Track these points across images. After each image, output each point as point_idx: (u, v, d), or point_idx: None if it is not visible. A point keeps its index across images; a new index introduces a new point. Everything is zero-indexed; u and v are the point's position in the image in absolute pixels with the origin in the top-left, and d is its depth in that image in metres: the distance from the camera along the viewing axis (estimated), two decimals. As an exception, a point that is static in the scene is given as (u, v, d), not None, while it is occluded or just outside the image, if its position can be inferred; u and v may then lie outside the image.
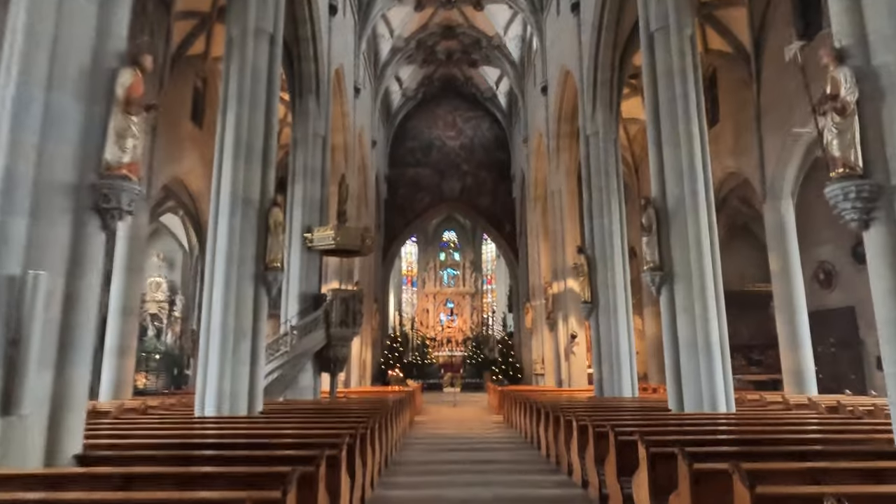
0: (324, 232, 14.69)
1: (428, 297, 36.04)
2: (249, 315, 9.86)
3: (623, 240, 15.15)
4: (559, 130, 20.57)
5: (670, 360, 9.95)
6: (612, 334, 14.53)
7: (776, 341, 24.36)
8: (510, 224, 31.50)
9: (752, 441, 5.94)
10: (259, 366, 9.94)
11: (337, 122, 20.29)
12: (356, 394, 18.07)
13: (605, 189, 15.26)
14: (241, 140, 10.25)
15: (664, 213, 10.32)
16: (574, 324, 19.48)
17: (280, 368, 13.76)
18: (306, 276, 14.85)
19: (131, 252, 15.10)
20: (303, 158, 15.46)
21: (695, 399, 9.48)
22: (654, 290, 10.27)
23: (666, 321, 10.12)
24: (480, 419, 16.82)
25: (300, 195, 15.24)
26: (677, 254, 10.03)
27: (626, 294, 14.84)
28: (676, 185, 10.20)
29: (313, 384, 14.47)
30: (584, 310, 15.17)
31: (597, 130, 15.66)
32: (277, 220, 10.33)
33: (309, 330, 14.13)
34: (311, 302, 14.75)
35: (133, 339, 15.29)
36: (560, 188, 20.58)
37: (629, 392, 14.34)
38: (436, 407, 21.10)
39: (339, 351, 14.60)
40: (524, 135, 26.87)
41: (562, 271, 20.07)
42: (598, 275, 14.94)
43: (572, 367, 19.34)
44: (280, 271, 10.25)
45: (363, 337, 24.27)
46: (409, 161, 32.44)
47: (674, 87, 10.43)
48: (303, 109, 15.76)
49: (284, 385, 14.02)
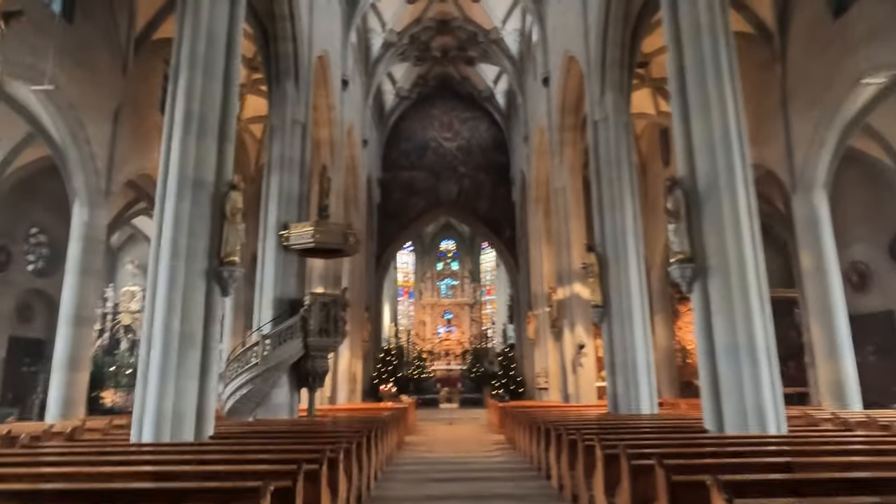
0: (302, 229, 13.07)
1: (425, 308, 34.48)
2: (199, 319, 8.22)
3: (637, 236, 13.52)
4: (562, 123, 19.02)
5: (706, 370, 8.28)
6: (627, 342, 12.84)
7: (800, 351, 22.76)
8: (510, 229, 29.88)
9: (804, 469, 4.27)
10: (210, 380, 8.25)
11: (322, 114, 18.79)
12: (343, 411, 16.33)
13: (617, 180, 13.66)
14: (193, 112, 8.68)
15: (694, 194, 8.71)
16: (581, 332, 17.77)
17: (250, 383, 12.06)
18: (282, 278, 13.19)
19: (85, 252, 13.45)
20: (279, 148, 13.86)
21: (737, 416, 7.79)
22: (685, 285, 8.62)
23: (699, 322, 8.46)
24: (479, 439, 15.07)
25: (276, 188, 13.63)
26: (712, 242, 8.40)
27: (642, 296, 13.18)
28: (708, 161, 8.60)
29: (289, 401, 12.74)
30: (595, 315, 13.49)
31: (606, 115, 14.09)
32: (236, 206, 8.71)
33: (283, 339, 12.43)
34: (288, 308, 13.07)
35: (87, 351, 13.60)
36: (564, 186, 18.99)
37: (648, 408, 12.62)
38: (431, 425, 19.33)
39: (319, 363, 12.90)
40: (524, 133, 25.35)
41: (567, 275, 18.41)
42: (610, 275, 13.29)
43: (580, 381, 17.60)
44: (238, 267, 8.60)
45: (353, 349, 22.54)
46: (403, 164, 30.89)
47: (701, 47, 8.88)
48: (280, 94, 14.21)
49: (255, 402, 12.31)
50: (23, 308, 17.43)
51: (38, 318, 17.74)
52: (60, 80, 12.62)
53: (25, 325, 17.44)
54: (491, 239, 31.25)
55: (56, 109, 12.89)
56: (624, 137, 14.00)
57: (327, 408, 16.81)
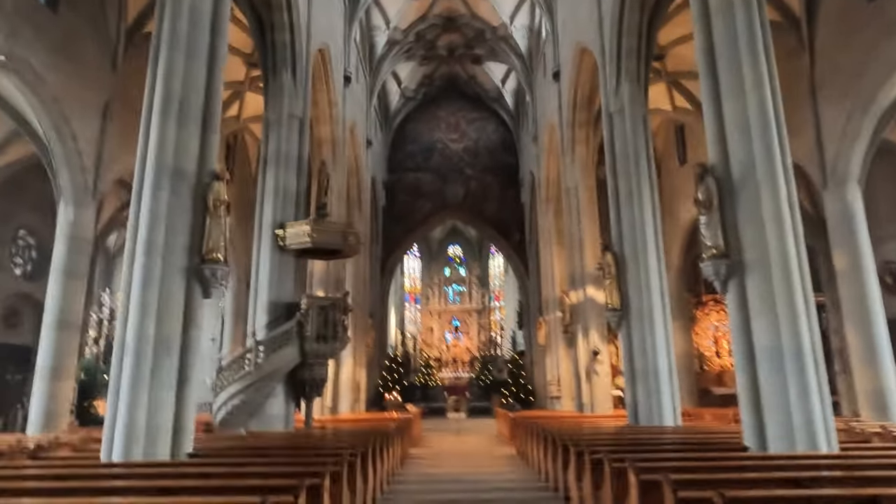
0: (298, 228, 12.28)
1: (432, 314, 33.67)
2: (177, 322, 7.40)
3: (657, 233, 12.60)
4: (574, 119, 18.16)
5: (744, 377, 7.36)
6: (648, 347, 11.91)
7: (827, 357, 21.70)
8: (519, 232, 29.00)
9: None
10: (189, 391, 7.42)
11: (323, 111, 18.04)
12: (346, 422, 15.46)
13: (635, 174, 12.77)
14: (173, 94, 7.91)
15: (728, 183, 7.82)
16: (596, 338, 16.84)
17: (242, 393, 11.24)
18: (278, 280, 12.37)
19: (71, 253, 12.72)
20: (276, 143, 13.08)
21: (782, 431, 6.87)
22: (719, 284, 7.72)
23: (736, 323, 7.54)
24: (489, 452, 14.15)
25: (272, 185, 12.84)
26: (749, 236, 7.50)
27: (663, 297, 12.25)
28: (743, 146, 7.72)
29: (285, 412, 11.89)
30: (612, 318, 12.57)
31: (622, 107, 13.23)
32: (219, 199, 7.90)
33: (279, 345, 11.61)
34: (284, 312, 12.24)
35: (71, 359, 12.82)
36: (576, 184, 18.12)
37: (670, 419, 11.67)
38: (437, 436, 18.40)
39: (317, 371, 12.05)
40: (533, 132, 24.49)
41: (580, 278, 17.50)
42: (628, 275, 12.38)
43: (595, 389, 16.65)
44: (221, 265, 7.77)
45: (356, 356, 21.68)
46: (408, 166, 30.10)
47: (734, 20, 8.03)
48: (276, 87, 13.45)
49: (248, 413, 11.47)
50: (9, 313, 16.73)
51: (26, 324, 17.02)
52: (44, 72, 11.95)
53: (12, 330, 16.73)
54: (499, 242, 30.38)
55: (39, 103, 12.20)
56: (641, 129, 13.12)
57: (328, 418, 15.96)
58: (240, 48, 17.36)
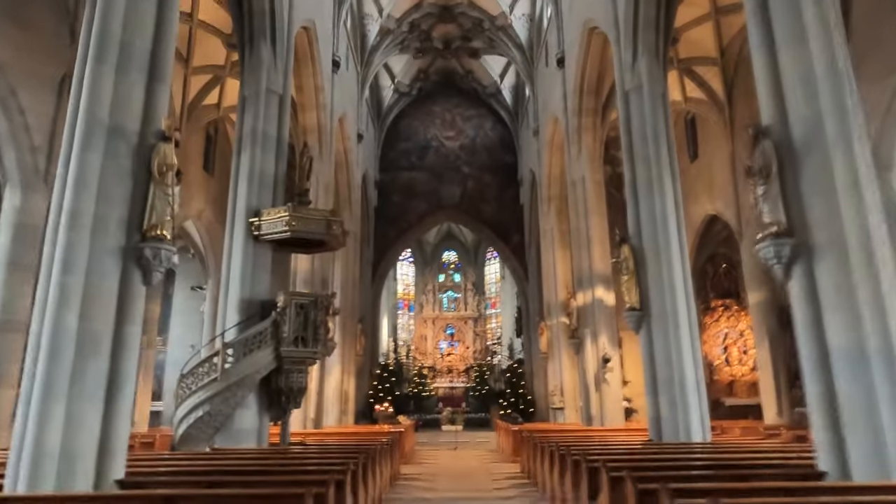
0: (275, 215, 10.78)
1: (426, 322, 32.20)
2: (108, 315, 5.90)
3: (680, 226, 11.20)
4: (581, 106, 16.82)
5: (817, 388, 5.91)
6: (673, 352, 10.44)
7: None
8: (518, 234, 27.58)
9: None
10: (122, 402, 5.91)
11: (309, 97, 16.65)
12: (331, 436, 13.90)
13: (655, 158, 11.37)
14: (111, 36, 6.46)
15: (788, 147, 6.43)
16: (606, 343, 15.40)
17: (206, 404, 9.68)
18: (251, 275, 10.85)
19: (16, 243, 11.18)
20: (252, 121, 11.61)
21: (869, 453, 5.43)
22: (781, 269, 6.30)
23: (804, 318, 6.12)
24: (489, 470, 12.63)
25: (246, 168, 11.35)
26: (818, 210, 6.11)
27: (688, 298, 10.83)
28: (807, 103, 6.34)
29: (257, 425, 10.32)
30: (632, 319, 11.09)
31: (639, 84, 11.87)
32: (167, 163, 6.42)
33: (250, 349, 10.07)
34: (258, 311, 10.71)
35: (16, 364, 11.20)
36: (583, 176, 16.75)
37: (699, 434, 10.19)
38: (432, 452, 16.85)
39: (294, 378, 10.51)
40: (534, 127, 23.15)
41: (588, 279, 16.08)
42: (648, 271, 10.94)
43: (605, 399, 15.17)
44: (167, 244, 6.29)
45: (345, 364, 20.12)
46: (402, 164, 28.67)
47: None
48: (254, 60, 12.00)
49: (214, 427, 9.90)
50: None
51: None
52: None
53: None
54: (497, 245, 28.93)
55: (-20, 71, 10.71)
56: (661, 109, 11.74)
57: (311, 432, 14.38)
58: (219, 27, 15.98)
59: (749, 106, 16.72)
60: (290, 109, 16.92)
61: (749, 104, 16.73)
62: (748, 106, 16.70)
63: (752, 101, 16.64)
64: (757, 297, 16.52)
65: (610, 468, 5.63)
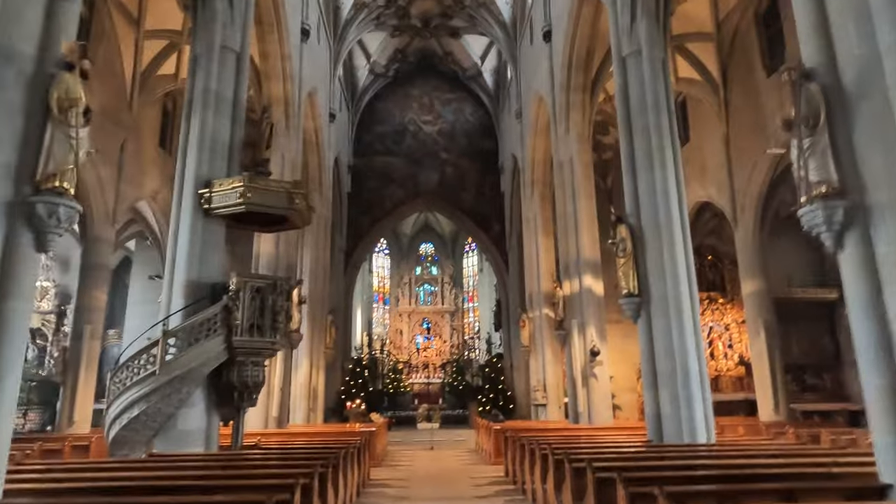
0: (228, 186, 9.40)
1: (402, 316, 31.11)
2: (-18, 286, 4.50)
3: (682, 200, 10.13)
4: (569, 81, 15.70)
5: (877, 378, 4.82)
6: (675, 342, 9.37)
7: (835, 361, 19.66)
8: (498, 224, 26.46)
9: None
10: (3, 398, 4.54)
11: (273, 65, 15.28)
12: (297, 436, 12.59)
13: (655, 129, 10.29)
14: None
15: (837, 93, 5.34)
16: (594, 335, 14.34)
17: (143, 401, 8.32)
18: (200, 255, 9.45)
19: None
20: (203, 80, 10.18)
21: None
22: (831, 237, 5.20)
23: (858, 297, 5.05)
24: (470, 474, 11.46)
25: (196, 133, 9.94)
26: (875, 165, 5.03)
27: (691, 283, 9.77)
28: (860, 39, 5.24)
29: (205, 426, 8.96)
30: (629, 306, 9.99)
31: (638, 48, 10.76)
32: (70, 98, 5.06)
33: (196, 338, 8.71)
34: (208, 295, 9.34)
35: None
36: (570, 157, 15.64)
37: (703, 434, 9.14)
38: (407, 452, 15.64)
39: (249, 372, 9.16)
40: (517, 108, 21.99)
41: (575, 266, 15.00)
42: (648, 253, 9.86)
43: (593, 396, 14.12)
44: (67, 199, 4.94)
45: (314, 358, 18.77)
46: (377, 149, 27.29)
47: None
48: (207, 12, 10.53)
49: (152, 429, 8.53)
50: None
51: None
52: None
53: None
54: (476, 235, 27.78)
55: None
56: (661, 75, 10.65)
57: (272, 433, 13.04)
58: (175, -7, 14.45)
59: (746, 85, 15.86)
60: (255, 79, 15.60)
61: (746, 83, 15.87)
62: (745, 85, 15.81)
63: (750, 80, 15.72)
64: (751, 286, 15.65)
65: (628, 480, 4.48)
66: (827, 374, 19.40)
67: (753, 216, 15.46)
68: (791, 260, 19.00)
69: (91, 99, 14.29)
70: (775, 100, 14.24)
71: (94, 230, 14.83)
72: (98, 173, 14.73)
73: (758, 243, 15.60)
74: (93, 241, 14.88)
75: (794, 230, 20.81)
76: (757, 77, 15.19)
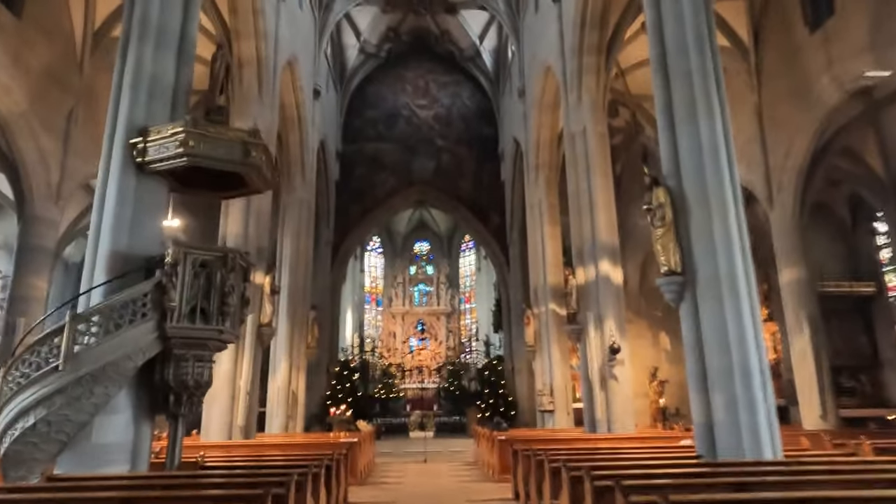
0: (167, 133, 7.42)
1: (395, 317, 29.46)
2: None
3: (732, 157, 8.15)
4: (582, 43, 13.82)
5: None
6: (732, 332, 7.39)
7: (875, 361, 17.76)
8: (498, 215, 24.54)
9: None
10: None
11: (245, 22, 13.48)
12: (262, 448, 10.56)
13: (700, 73, 8.37)
14: None
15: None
16: (613, 328, 12.38)
17: (41, 406, 6.31)
18: (132, 220, 7.45)
19: None
20: (143, 7, 8.24)
21: None
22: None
23: None
24: (470, 495, 9.42)
25: (131, 72, 7.97)
26: None
27: (745, 254, 7.78)
28: None
29: (131, 438, 6.92)
30: (669, 288, 7.97)
31: (675, -25, 8.87)
32: None
33: (117, 323, 6.71)
34: (142, 271, 7.35)
35: None
36: (584, 128, 13.75)
37: (768, 447, 7.19)
38: (397, 465, 13.61)
39: (189, 369, 7.11)
40: (519, 86, 20.10)
41: (591, 251, 13.05)
42: (691, 223, 7.88)
43: (614, 400, 12.13)
44: None
45: (294, 359, 16.74)
46: (368, 134, 25.35)
47: None
48: (149, -71, 8.62)
49: (57, 442, 6.48)
50: None
51: None
52: None
53: None
54: (474, 227, 25.79)
55: None
56: (703, 8, 8.78)
57: (236, 444, 11.01)
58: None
59: (782, 47, 13.97)
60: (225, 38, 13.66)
61: (782, 44, 13.97)
62: (781, 47, 13.92)
63: (787, 40, 13.69)
64: (790, 275, 13.74)
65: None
66: (864, 376, 17.53)
67: (793, 195, 13.58)
68: (820, 250, 17.13)
69: (30, 56, 12.19)
70: (821, 59, 12.38)
71: (32, 209, 12.83)
72: (38, 143, 12.76)
73: (797, 226, 13.69)
74: (30, 221, 12.86)
75: (821, 219, 18.82)
76: (797, 35, 13.32)
